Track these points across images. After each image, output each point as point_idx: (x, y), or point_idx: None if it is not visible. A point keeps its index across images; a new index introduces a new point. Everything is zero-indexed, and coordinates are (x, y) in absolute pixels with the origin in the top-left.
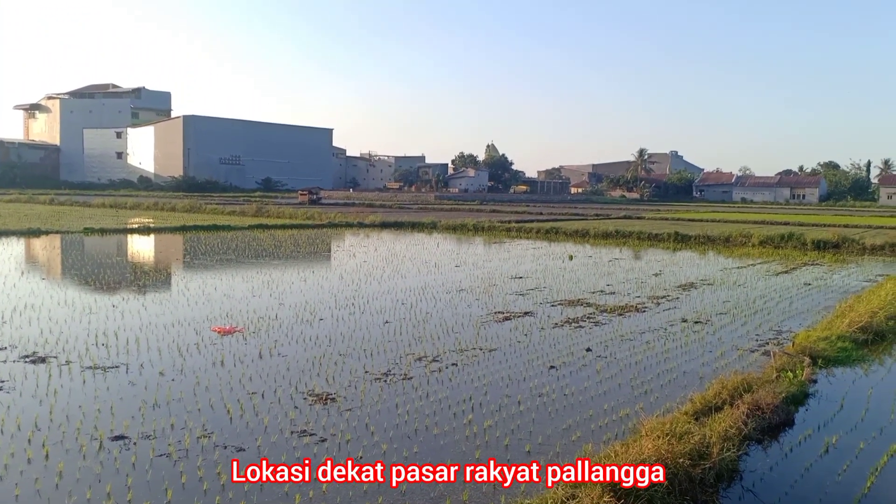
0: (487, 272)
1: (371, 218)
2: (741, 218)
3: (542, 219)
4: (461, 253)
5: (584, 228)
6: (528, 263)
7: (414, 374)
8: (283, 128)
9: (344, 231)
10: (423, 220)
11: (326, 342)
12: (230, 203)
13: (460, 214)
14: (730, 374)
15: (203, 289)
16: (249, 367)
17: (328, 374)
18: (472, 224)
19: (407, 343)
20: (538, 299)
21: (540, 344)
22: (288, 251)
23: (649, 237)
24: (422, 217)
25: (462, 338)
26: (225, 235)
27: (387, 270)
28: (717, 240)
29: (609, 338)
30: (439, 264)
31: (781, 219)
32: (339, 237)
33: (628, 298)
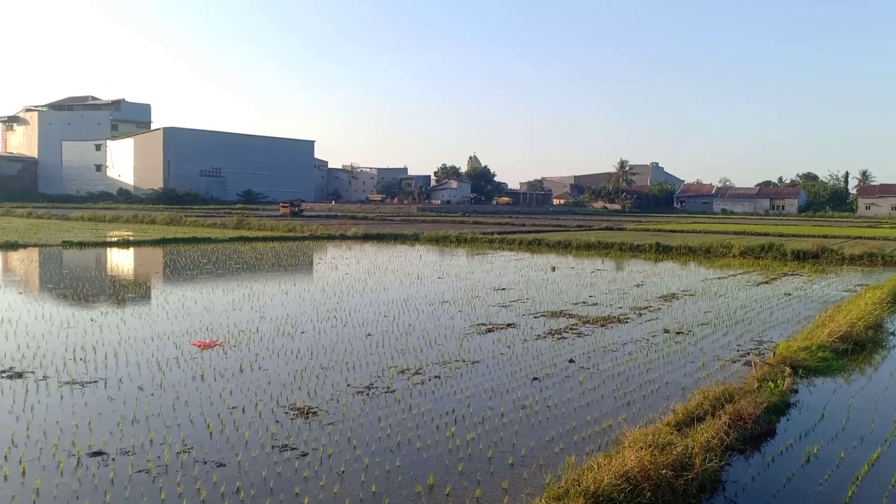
0: (470, 284)
1: (353, 230)
2: (722, 229)
3: (524, 230)
4: (444, 265)
5: (566, 240)
6: (511, 275)
7: (396, 387)
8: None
9: (326, 243)
10: (405, 231)
11: (308, 355)
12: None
13: (443, 226)
14: (712, 384)
15: (183, 302)
16: (230, 381)
17: (310, 387)
18: (454, 236)
19: (389, 356)
20: (521, 311)
21: (523, 356)
22: (269, 264)
23: (631, 248)
24: (404, 229)
25: (445, 350)
26: (205, 248)
27: (369, 283)
28: (699, 250)
29: (592, 349)
30: (422, 276)
31: (762, 229)
32: (321, 249)
33: (611, 309)
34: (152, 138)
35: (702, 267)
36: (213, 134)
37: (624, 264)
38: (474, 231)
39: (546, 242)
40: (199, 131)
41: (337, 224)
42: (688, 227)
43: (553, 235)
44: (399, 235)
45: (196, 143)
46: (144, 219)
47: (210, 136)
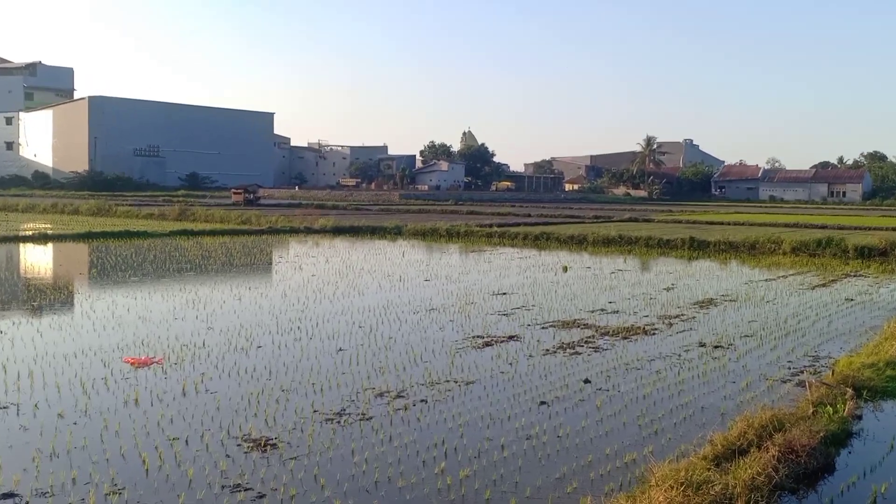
0: (464, 287)
1: (321, 222)
2: (769, 220)
3: (530, 222)
4: (432, 264)
5: (580, 234)
6: (514, 276)
7: (374, 414)
8: (212, 112)
9: (288, 238)
10: (385, 223)
11: (266, 375)
12: (147, 204)
13: (431, 217)
14: (757, 409)
15: (113, 310)
16: (170, 406)
17: (268, 414)
18: (445, 229)
19: (365, 375)
20: (526, 320)
21: (528, 375)
22: (218, 263)
23: (659, 244)
24: (384, 220)
25: (433, 368)
26: (140, 244)
27: (340, 286)
28: (741, 246)
29: (611, 366)
30: (405, 278)
31: (818, 221)
32: (281, 245)
33: (634, 318)
34: (75, 110)
35: (745, 267)
36: (149, 105)
37: (651, 264)
38: (469, 223)
39: (556, 237)
40: (132, 101)
41: (301, 214)
42: (728, 217)
43: (564, 228)
44: (377, 228)
45: (129, 115)
46: (66, 208)
47: (146, 108)
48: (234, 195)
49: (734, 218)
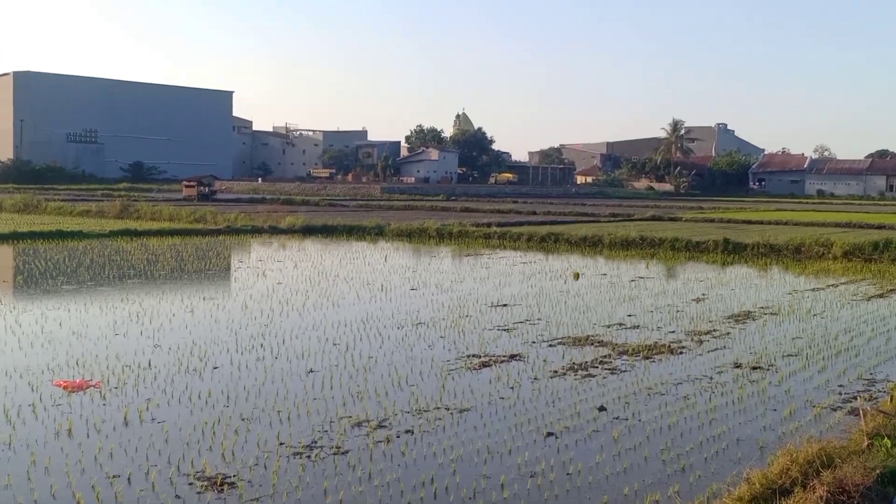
0: (457, 298)
1: (289, 220)
2: (818, 219)
3: (535, 221)
4: (419, 270)
5: (595, 235)
6: (516, 285)
7: (350, 447)
8: (160, 90)
9: (250, 239)
10: (364, 222)
11: (223, 401)
12: (83, 199)
13: (418, 214)
14: (802, 441)
15: (42, 324)
16: (110, 437)
17: (225, 447)
18: (434, 228)
19: (340, 401)
20: (530, 336)
21: (532, 401)
22: (167, 269)
23: (688, 247)
24: (362, 218)
25: (420, 393)
26: (75, 246)
27: (311, 296)
28: (784, 250)
29: (631, 391)
30: (388, 287)
31: (874, 220)
32: (242, 248)
33: (658, 335)
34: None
35: (788, 274)
36: (85, 82)
37: (677, 270)
38: (463, 222)
39: (566, 238)
40: (65, 77)
41: (265, 211)
42: (769, 215)
43: (576, 228)
44: (355, 228)
45: (62, 93)
46: None
47: (82, 86)
48: (186, 188)
49: (775, 216)
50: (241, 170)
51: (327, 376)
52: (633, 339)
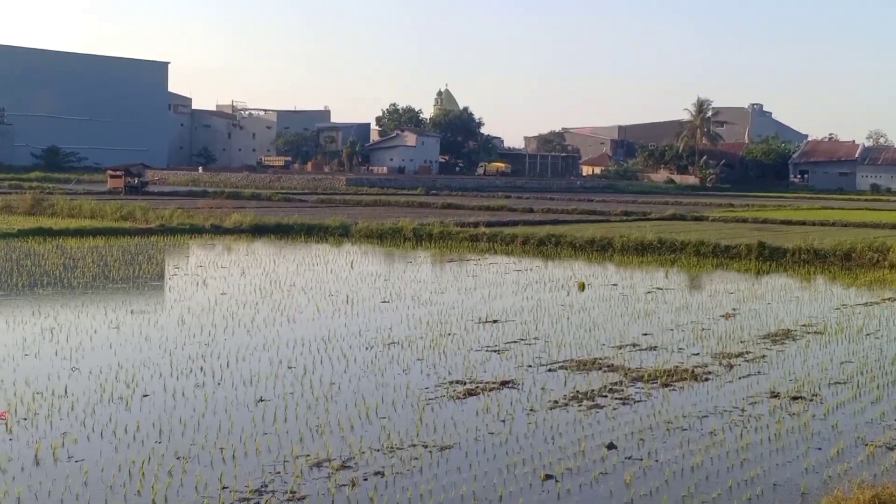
0: (438, 312)
1: (236, 218)
2: (871, 219)
3: (532, 220)
4: (392, 279)
5: (603, 236)
6: (509, 297)
7: (308, 492)
8: (80, 60)
9: (188, 241)
10: (326, 221)
11: (155, 435)
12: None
13: (391, 211)
14: (853, 486)
15: None
16: (18, 479)
17: (157, 490)
18: (411, 229)
19: (296, 436)
20: (525, 359)
21: (528, 437)
22: (88, 276)
23: (715, 251)
24: (324, 216)
25: (393, 427)
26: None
27: (262, 310)
28: (831, 256)
29: (646, 426)
30: (354, 299)
31: None
32: (179, 251)
33: (679, 358)
34: None
35: (836, 285)
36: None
37: (703, 280)
38: (445, 220)
39: (569, 241)
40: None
41: (207, 207)
42: (812, 215)
43: (581, 229)
44: (315, 228)
45: None
46: None
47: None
48: (112, 179)
49: (821, 216)
50: (177, 157)
51: (280, 406)
52: (648, 362)
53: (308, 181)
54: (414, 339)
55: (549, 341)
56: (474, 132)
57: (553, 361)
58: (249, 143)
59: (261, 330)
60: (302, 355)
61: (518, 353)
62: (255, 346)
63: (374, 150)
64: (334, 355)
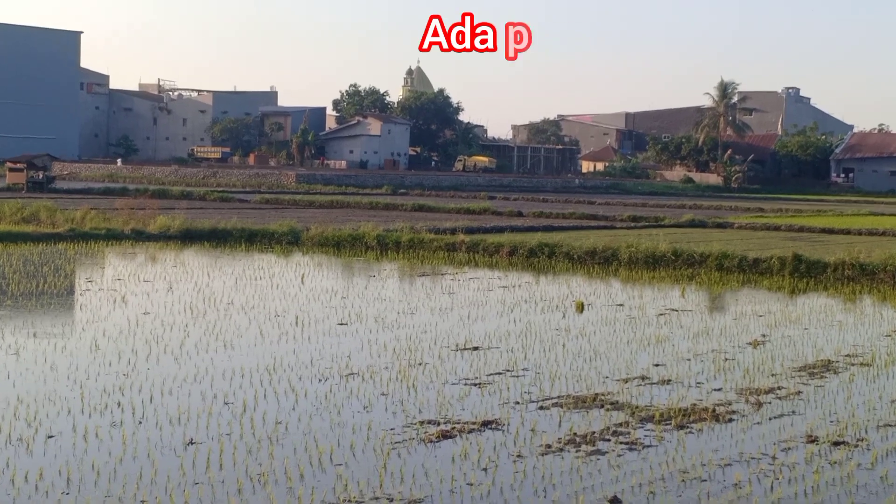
0: (406, 337)
1: (162, 221)
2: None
3: (521, 225)
4: (352, 297)
5: (607, 247)
6: (492, 319)
7: None
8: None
9: (104, 248)
10: (271, 226)
11: (61, 485)
12: None
13: (351, 215)
14: None
15: None
16: None
17: None
18: (374, 236)
19: (234, 487)
20: (512, 394)
21: (514, 489)
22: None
23: (741, 266)
24: (269, 220)
25: (351, 476)
26: None
27: (193, 333)
28: (881, 272)
29: (657, 476)
30: (305, 320)
31: None
32: (93, 261)
33: (697, 393)
34: None
35: (887, 306)
36: None
37: (726, 299)
38: (416, 226)
39: (565, 251)
40: None
41: (128, 208)
42: (859, 222)
43: (580, 237)
44: (258, 234)
45: None
46: None
47: None
48: (11, 173)
49: (868, 223)
50: (92, 146)
51: (215, 450)
52: (661, 399)
53: (250, 177)
54: (377, 370)
55: (540, 373)
56: (451, 119)
57: (545, 397)
58: (179, 130)
59: (191, 357)
60: (241, 388)
61: (503, 387)
62: (184, 376)
63: (331, 140)
64: (280, 389)
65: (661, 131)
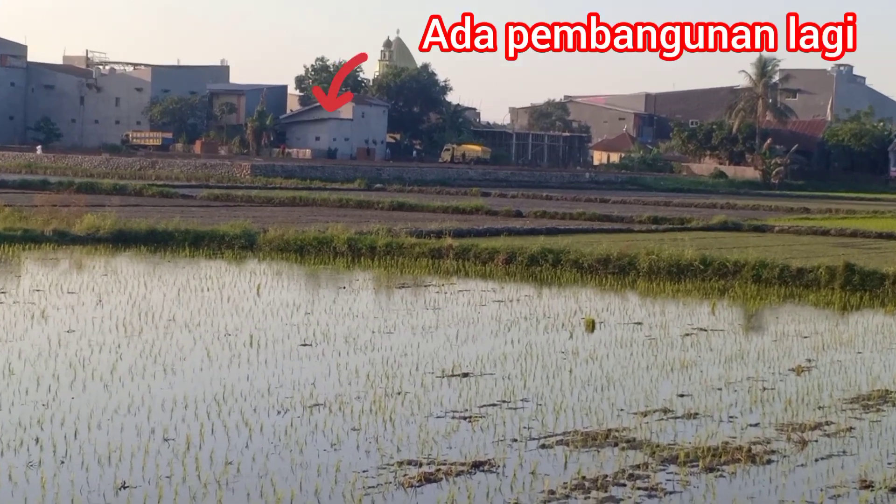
0: (383, 361)
1: (90, 221)
2: None
3: (520, 228)
4: (317, 312)
5: (623, 254)
6: (486, 340)
7: None
8: None
9: (20, 253)
10: (221, 227)
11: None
12: None
13: (317, 214)
14: None
15: None
16: None
17: None
18: (345, 239)
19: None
20: (508, 430)
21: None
22: None
23: (784, 277)
24: (219, 220)
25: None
26: None
27: (127, 355)
28: None
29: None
30: (262, 340)
31: None
32: (6, 268)
33: (730, 430)
34: None
35: None
36: None
37: (763, 316)
38: (395, 228)
39: (573, 259)
40: None
41: (49, 205)
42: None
43: (591, 241)
44: (205, 236)
45: None
46: None
47: None
48: None
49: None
50: (6, 130)
51: (152, 495)
52: (686, 436)
53: (196, 168)
54: (348, 400)
55: (542, 404)
56: (437, 100)
57: (548, 434)
58: (111, 111)
59: (125, 384)
60: (184, 421)
61: (498, 422)
62: (115, 407)
63: (293, 125)
64: (231, 422)
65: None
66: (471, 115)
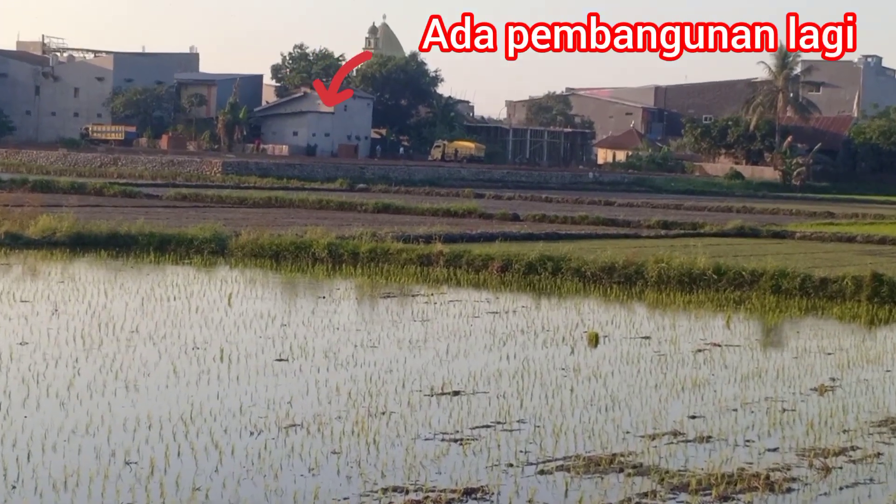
0: (366, 378)
1: (45, 223)
2: None
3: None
4: (294, 324)
5: (630, 262)
6: (479, 355)
7: None
8: None
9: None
10: (189, 230)
11: None
12: None
13: (295, 216)
14: None
15: None
16: None
17: None
18: (325, 244)
19: None
20: (503, 453)
21: None
22: None
23: (805, 288)
24: (187, 222)
25: None
26: None
27: (86, 370)
28: None
29: None
30: (233, 354)
31: None
32: None
33: (746, 455)
34: None
35: None
36: None
37: (783, 331)
38: (381, 232)
39: (574, 267)
40: None
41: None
42: None
43: (594, 248)
44: (172, 240)
45: None
46: None
47: None
48: None
49: None
50: None
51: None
52: (698, 462)
53: (162, 165)
54: (327, 421)
55: (541, 426)
56: (427, 92)
57: (547, 458)
58: (69, 103)
59: (83, 402)
60: (148, 443)
61: (492, 445)
62: (72, 427)
63: (269, 118)
64: (200, 444)
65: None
66: (464, 109)
